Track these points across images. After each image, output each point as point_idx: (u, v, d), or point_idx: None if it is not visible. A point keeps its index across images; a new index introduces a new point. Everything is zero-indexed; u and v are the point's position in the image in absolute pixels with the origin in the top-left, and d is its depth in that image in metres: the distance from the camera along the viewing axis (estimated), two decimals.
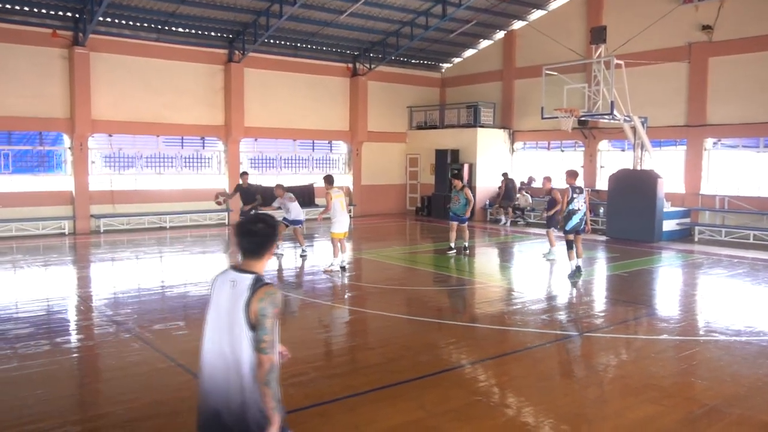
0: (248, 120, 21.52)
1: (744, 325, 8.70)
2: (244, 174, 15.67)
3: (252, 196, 15.03)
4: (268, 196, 15.44)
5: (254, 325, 3.18)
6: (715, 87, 18.43)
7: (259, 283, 3.24)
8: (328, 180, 13.03)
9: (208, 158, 21.46)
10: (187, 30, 19.99)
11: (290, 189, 22.45)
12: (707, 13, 18.35)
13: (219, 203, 16.07)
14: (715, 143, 18.91)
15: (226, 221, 21.02)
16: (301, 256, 14.54)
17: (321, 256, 14.55)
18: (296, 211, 14.66)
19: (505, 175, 22.53)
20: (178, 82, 20.17)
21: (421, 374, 6.64)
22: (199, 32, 20.24)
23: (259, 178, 22.30)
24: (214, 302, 3.36)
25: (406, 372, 6.72)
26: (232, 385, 3.20)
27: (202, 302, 10.03)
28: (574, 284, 11.75)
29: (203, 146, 21.30)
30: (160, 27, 19.48)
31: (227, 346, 3.23)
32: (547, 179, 14.29)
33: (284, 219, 15.38)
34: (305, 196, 23.05)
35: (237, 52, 20.86)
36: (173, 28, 19.73)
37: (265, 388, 3.16)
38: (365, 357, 7.39)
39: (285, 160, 23.32)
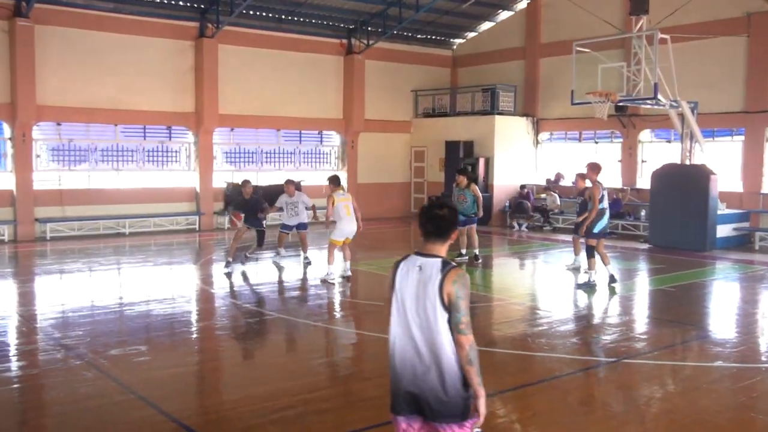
0: (223, 106, 21.54)
1: None
2: (246, 183, 14.89)
3: (257, 207, 14.68)
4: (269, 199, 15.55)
5: (449, 307, 3.82)
6: None
7: (448, 266, 3.90)
8: (334, 181, 13.13)
9: (176, 151, 21.48)
10: None
11: (273, 188, 22.62)
12: None
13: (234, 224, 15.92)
14: None
15: (197, 226, 21.02)
16: (306, 263, 14.77)
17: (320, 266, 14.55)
18: (305, 213, 15.14)
19: (522, 187, 23.13)
20: (140, 62, 20.18)
21: None
22: (165, 1, 20.28)
23: (237, 176, 22.37)
24: (399, 288, 3.99)
25: None
26: (427, 366, 3.86)
27: (167, 322, 10.03)
28: (589, 291, 11.84)
29: (170, 137, 21.32)
30: None
31: (418, 329, 3.89)
32: (581, 176, 14.22)
33: (284, 226, 15.36)
34: None
35: (210, 25, 20.88)
36: None
37: (468, 366, 3.82)
38: (361, 388, 7.37)
39: (267, 153, 23.34)
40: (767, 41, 18.52)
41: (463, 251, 15.09)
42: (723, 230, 17.66)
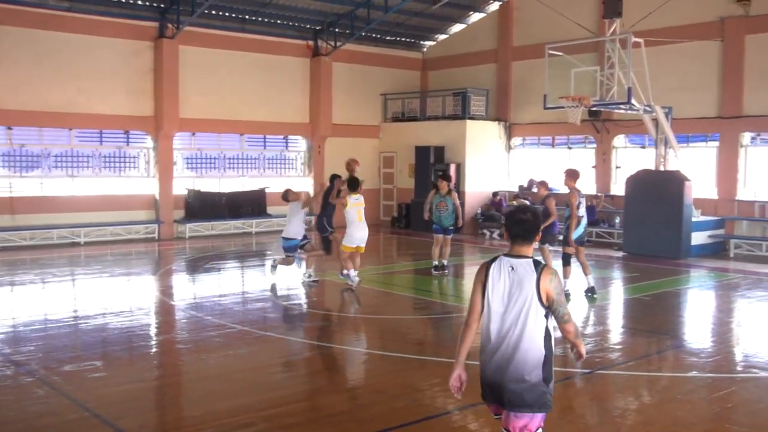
0: (184, 110, 21.38)
1: None
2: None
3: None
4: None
5: (548, 303, 4.39)
6: (753, 71, 18.79)
7: (540, 266, 4.46)
8: (351, 184, 13.16)
9: (134, 157, 21.27)
10: None
11: (236, 195, 22.54)
12: None
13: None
14: (753, 138, 19.28)
15: (156, 235, 20.82)
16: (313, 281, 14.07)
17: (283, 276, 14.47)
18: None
19: (494, 194, 23.43)
20: (96, 63, 19.96)
21: (399, 423, 6.61)
22: (123, 0, 20.11)
23: (198, 182, 22.24)
24: (491, 286, 4.48)
25: (379, 421, 6.69)
26: (516, 353, 4.38)
27: (125, 336, 9.92)
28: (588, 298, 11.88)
29: (127, 142, 21.11)
30: None
31: (511, 324, 4.40)
32: (543, 184, 14.32)
33: (290, 242, 13.80)
34: (255, 203, 23.08)
35: (170, 25, 20.74)
36: None
37: (577, 340, 4.62)
38: (330, 403, 7.35)
39: (230, 159, 23.22)
40: (741, 46, 18.92)
41: (436, 262, 15.12)
42: (698, 237, 17.93)
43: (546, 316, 4.43)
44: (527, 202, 22.46)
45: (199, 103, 21.74)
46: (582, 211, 12.52)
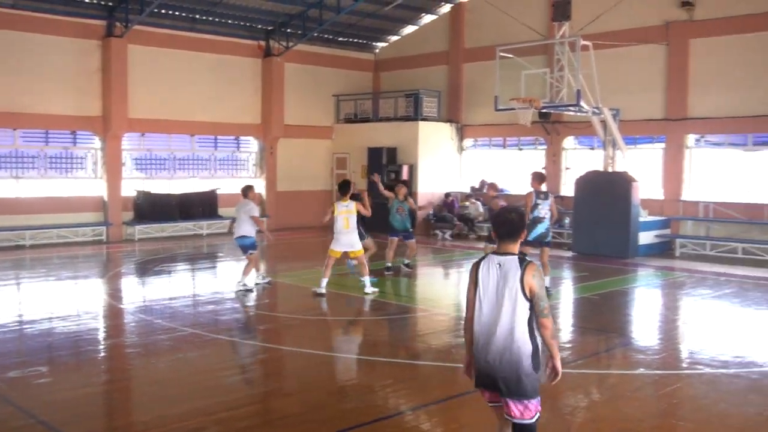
0: (133, 110, 21.04)
1: (732, 355, 9.08)
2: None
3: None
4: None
5: (530, 296, 4.70)
6: (698, 74, 19.25)
7: (525, 262, 4.77)
8: (342, 188, 13.00)
9: (81, 158, 20.86)
10: None
11: (187, 197, 22.26)
12: None
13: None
14: (697, 140, 19.74)
15: (104, 237, 20.44)
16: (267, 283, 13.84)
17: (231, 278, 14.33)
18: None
19: (446, 195, 23.58)
20: (42, 62, 19.50)
21: (351, 425, 6.60)
22: None
23: (147, 183, 21.91)
24: (482, 282, 4.88)
25: (331, 422, 6.68)
26: (507, 347, 4.70)
27: (72, 341, 9.72)
28: None
29: (74, 143, 20.69)
30: None
31: (500, 317, 4.74)
32: (492, 186, 14.57)
33: (247, 242, 13.20)
34: (206, 205, 22.82)
35: (118, 24, 20.39)
36: None
37: (552, 341, 4.78)
38: (281, 406, 7.31)
39: (180, 160, 22.92)
40: (685, 50, 19.36)
41: (389, 264, 15.16)
42: (645, 237, 18.27)
43: (531, 309, 4.75)
44: (479, 203, 22.68)
45: (148, 104, 21.40)
46: (542, 213, 12.68)
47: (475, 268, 4.99)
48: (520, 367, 4.70)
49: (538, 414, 4.79)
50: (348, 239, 12.80)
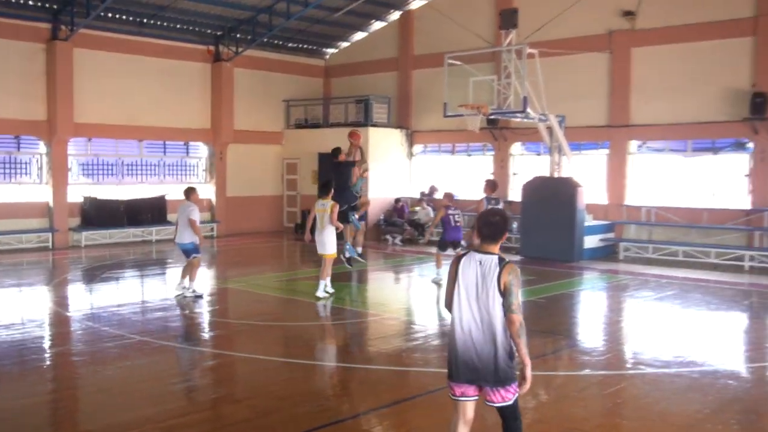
0: (79, 115, 20.62)
1: (673, 356, 9.31)
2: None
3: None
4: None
5: (504, 293, 4.96)
6: (639, 82, 19.70)
7: (504, 261, 5.06)
8: (321, 188, 13.02)
9: (26, 163, 20.36)
10: None
11: (135, 202, 21.91)
12: None
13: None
14: (639, 146, 20.17)
15: (50, 244, 20.00)
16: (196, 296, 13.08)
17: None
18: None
19: (396, 200, 23.69)
20: None
21: (303, 429, 6.59)
22: (12, 0, 19.26)
23: (95, 189, 21.51)
24: (461, 278, 5.11)
25: (282, 428, 6.66)
26: (485, 339, 5.00)
27: (15, 350, 9.49)
28: None
29: (18, 148, 20.20)
30: None
31: (478, 311, 5.03)
32: (447, 196, 14.97)
33: (190, 246, 12.85)
34: (155, 211, 22.50)
35: (64, 27, 19.99)
36: None
37: (518, 339, 4.96)
38: (230, 411, 7.24)
39: (128, 165, 22.55)
40: (627, 58, 19.79)
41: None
42: (590, 241, 18.59)
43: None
44: (429, 208, 22.79)
45: (95, 108, 21.01)
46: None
47: (456, 263, 5.20)
48: (498, 358, 4.99)
49: (516, 395, 5.10)
50: (320, 239, 12.74)
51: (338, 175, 13.91)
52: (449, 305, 5.19)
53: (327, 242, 12.75)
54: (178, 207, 13.17)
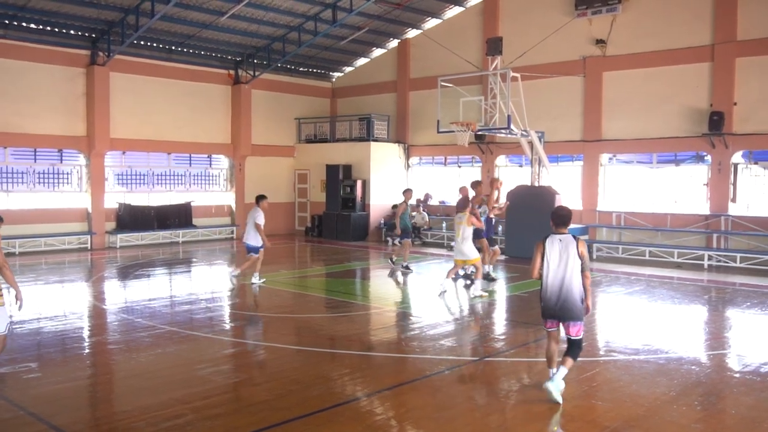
0: (115, 131, 20.64)
1: (642, 344, 9.27)
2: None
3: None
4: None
5: (582, 259, 6.82)
6: (610, 102, 19.72)
7: (576, 238, 6.92)
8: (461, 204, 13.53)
9: (67, 173, 20.35)
10: (41, 27, 18.99)
11: (164, 208, 21.90)
12: (601, 26, 19.64)
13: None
14: (610, 159, 20.17)
15: (89, 245, 19.97)
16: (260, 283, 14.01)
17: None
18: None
19: (394, 206, 23.40)
20: (31, 87, 19.04)
21: (312, 410, 6.56)
22: (56, 29, 19.26)
23: (128, 197, 21.50)
24: (549, 251, 6.92)
25: (296, 408, 6.62)
26: (567, 287, 6.81)
27: (59, 339, 9.46)
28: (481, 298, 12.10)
29: (61, 160, 20.19)
30: (7, 22, 18.37)
31: (563, 272, 6.84)
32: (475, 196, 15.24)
33: (254, 246, 14.11)
34: (182, 216, 22.49)
35: (101, 53, 20.01)
36: (23, 24, 18.67)
37: (588, 285, 6.92)
38: (250, 394, 7.21)
39: (158, 175, 22.54)
40: (599, 81, 19.81)
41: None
42: None
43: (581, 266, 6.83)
44: (425, 213, 22.77)
45: (129, 125, 21.03)
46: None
47: (542, 242, 6.98)
48: (575, 301, 6.77)
49: (583, 332, 6.92)
50: (458, 247, 13.02)
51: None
52: (538, 271, 6.90)
53: (465, 250, 12.94)
54: (248, 211, 14.27)
